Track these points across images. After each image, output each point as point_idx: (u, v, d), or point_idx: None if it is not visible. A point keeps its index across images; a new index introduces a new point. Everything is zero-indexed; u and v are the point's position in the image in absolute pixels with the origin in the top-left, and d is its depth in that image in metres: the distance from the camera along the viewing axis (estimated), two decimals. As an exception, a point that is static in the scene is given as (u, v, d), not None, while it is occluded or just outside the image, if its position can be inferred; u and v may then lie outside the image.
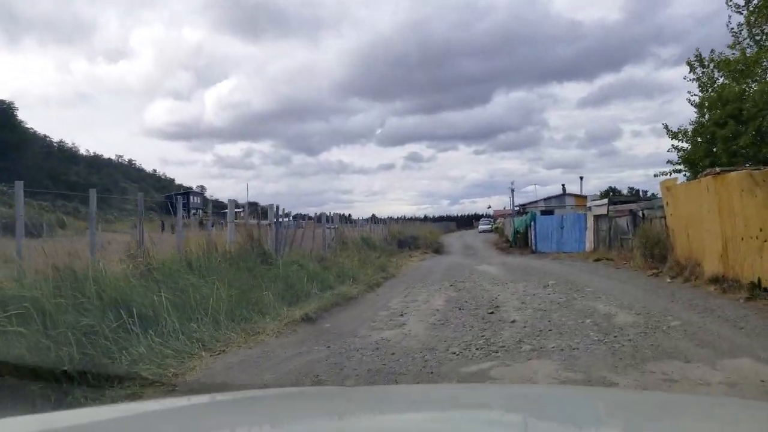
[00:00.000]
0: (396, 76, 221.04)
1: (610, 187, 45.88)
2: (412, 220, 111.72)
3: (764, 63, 16.30)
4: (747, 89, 16.01)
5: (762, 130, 14.79)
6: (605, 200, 23.26)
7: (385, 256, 22.36)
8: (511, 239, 36.20)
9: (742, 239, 11.38)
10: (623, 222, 20.50)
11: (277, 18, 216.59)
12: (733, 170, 12.32)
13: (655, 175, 18.56)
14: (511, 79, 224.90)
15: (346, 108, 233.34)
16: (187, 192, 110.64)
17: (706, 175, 13.48)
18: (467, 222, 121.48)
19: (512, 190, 59.83)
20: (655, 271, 15.07)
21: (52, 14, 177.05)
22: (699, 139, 17.21)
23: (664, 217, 16.10)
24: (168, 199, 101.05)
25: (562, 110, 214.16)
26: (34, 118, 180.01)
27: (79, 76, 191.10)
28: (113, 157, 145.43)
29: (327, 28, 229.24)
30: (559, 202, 47.90)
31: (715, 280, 12.18)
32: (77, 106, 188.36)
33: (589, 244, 25.10)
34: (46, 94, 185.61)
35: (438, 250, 36.43)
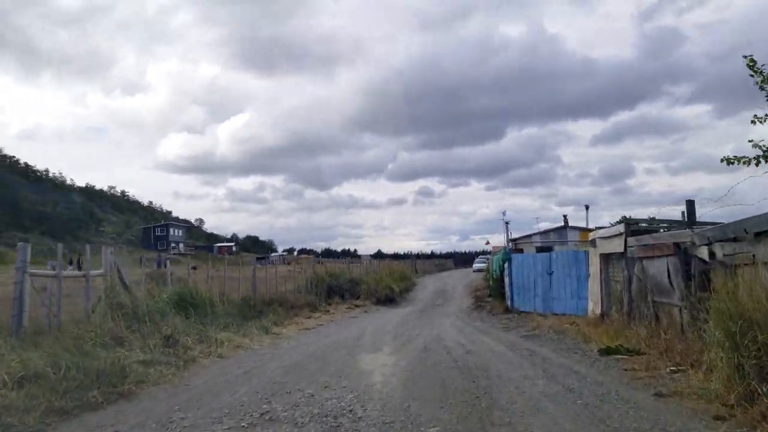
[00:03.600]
0: (408, 111, 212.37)
1: (625, 217, 34.56)
2: (418, 256, 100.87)
3: None
4: None
5: None
6: (619, 227, 12.38)
7: (220, 327, 11.61)
8: (490, 285, 25.16)
9: None
10: (660, 268, 9.64)
11: (292, 53, 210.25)
12: None
13: (725, 161, 7.63)
14: (524, 116, 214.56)
15: (358, 143, 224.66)
16: (166, 224, 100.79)
17: None
18: (469, 259, 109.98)
19: (506, 223, 48.83)
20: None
21: (70, 48, 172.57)
22: None
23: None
24: (146, 231, 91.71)
25: (576, 147, 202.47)
26: (48, 150, 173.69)
27: (95, 109, 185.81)
28: (105, 189, 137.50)
29: (341, 63, 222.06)
30: (559, 237, 36.73)
31: None
32: (91, 140, 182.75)
33: (593, 304, 14.18)
34: (61, 127, 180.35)
35: (390, 299, 25.56)
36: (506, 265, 18.93)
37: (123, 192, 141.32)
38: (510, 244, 37.72)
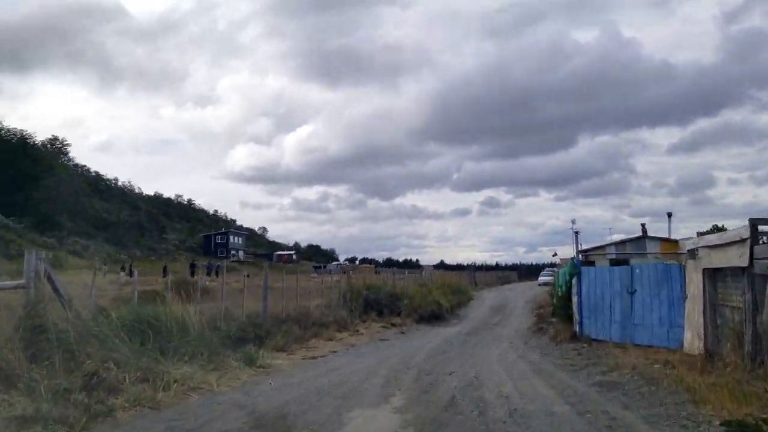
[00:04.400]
0: (474, 120, 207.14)
1: (715, 226, 29.86)
2: (481, 267, 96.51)
3: None
4: None
5: None
6: (740, 231, 8.71)
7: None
8: (554, 304, 21.43)
9: None
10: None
11: (357, 63, 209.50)
12: None
13: None
14: (597, 123, 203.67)
15: (423, 152, 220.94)
16: (226, 232, 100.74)
17: None
18: (535, 271, 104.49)
19: (575, 233, 44.60)
20: None
21: (144, 63, 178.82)
22: None
23: None
24: (207, 239, 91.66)
25: (652, 156, 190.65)
26: (123, 161, 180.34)
27: (167, 122, 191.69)
28: (173, 197, 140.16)
29: (406, 73, 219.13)
30: (636, 249, 32.32)
31: None
32: (164, 151, 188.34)
33: (692, 336, 10.47)
34: (135, 139, 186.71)
35: (437, 316, 22.25)
36: (575, 280, 15.32)
37: (189, 201, 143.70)
38: (579, 255, 33.67)
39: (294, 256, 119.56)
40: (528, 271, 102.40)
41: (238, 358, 9.86)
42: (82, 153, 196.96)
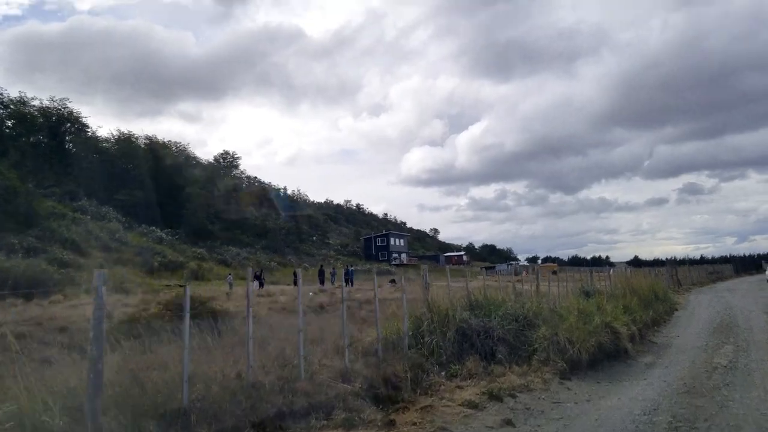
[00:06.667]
0: (665, 99, 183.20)
1: None
2: (683, 262, 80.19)
3: None
4: None
5: None
6: None
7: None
8: None
9: None
10: None
11: (530, 54, 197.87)
12: None
13: None
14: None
15: (607, 140, 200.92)
16: (386, 234, 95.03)
17: None
18: (753, 263, 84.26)
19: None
20: None
21: (322, 79, 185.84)
22: None
23: None
24: (367, 242, 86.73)
25: None
26: (306, 173, 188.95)
27: (346, 132, 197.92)
28: (341, 203, 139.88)
29: (583, 57, 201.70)
30: None
31: None
32: (344, 161, 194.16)
33: None
34: (318, 151, 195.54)
35: (610, 354, 12.24)
36: None
37: (358, 205, 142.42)
38: None
39: (464, 257, 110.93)
40: (744, 264, 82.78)
41: None
42: (271, 168, 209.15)
